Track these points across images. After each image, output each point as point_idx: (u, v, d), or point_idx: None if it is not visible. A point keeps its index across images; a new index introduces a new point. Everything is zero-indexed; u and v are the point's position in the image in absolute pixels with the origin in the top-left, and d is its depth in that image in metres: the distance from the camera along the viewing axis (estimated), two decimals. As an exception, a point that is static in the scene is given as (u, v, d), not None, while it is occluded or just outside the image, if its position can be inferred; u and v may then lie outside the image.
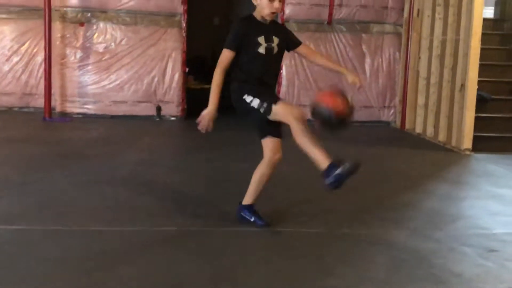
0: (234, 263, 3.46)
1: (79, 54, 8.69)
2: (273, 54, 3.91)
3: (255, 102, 3.81)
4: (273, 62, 3.96)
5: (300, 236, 3.97)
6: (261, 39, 3.84)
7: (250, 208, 4.10)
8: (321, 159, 3.71)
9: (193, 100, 9.22)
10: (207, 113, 3.79)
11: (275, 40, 3.90)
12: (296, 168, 5.41)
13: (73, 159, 5.99)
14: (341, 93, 3.72)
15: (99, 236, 3.80)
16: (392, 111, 9.38)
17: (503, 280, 3.37)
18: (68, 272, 3.22)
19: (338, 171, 3.62)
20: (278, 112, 3.76)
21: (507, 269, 3.54)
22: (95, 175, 5.40)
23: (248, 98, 3.84)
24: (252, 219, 4.06)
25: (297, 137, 3.71)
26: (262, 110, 3.77)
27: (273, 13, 3.82)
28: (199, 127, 3.84)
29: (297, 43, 4.07)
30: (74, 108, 8.74)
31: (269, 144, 3.95)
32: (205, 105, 9.38)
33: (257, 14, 3.89)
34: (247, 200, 4.10)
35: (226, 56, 3.81)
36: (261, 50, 3.85)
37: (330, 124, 3.69)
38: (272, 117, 3.79)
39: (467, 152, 7.19)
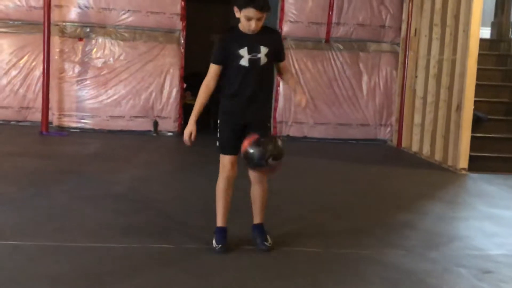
0: (229, 283, 3.45)
1: (77, 68, 8.72)
2: (261, 65, 3.81)
3: (218, 133, 3.99)
4: (260, 74, 3.85)
5: (295, 256, 3.96)
6: (243, 51, 3.75)
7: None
8: (219, 218, 4.03)
9: (190, 116, 9.23)
10: (188, 128, 3.90)
11: (263, 50, 3.79)
12: (290, 185, 5.42)
13: (69, 174, 5.99)
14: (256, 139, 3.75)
15: (94, 253, 3.79)
16: (388, 129, 9.41)
17: (498, 302, 3.38)
18: (62, 289, 3.21)
19: (214, 243, 3.94)
20: (220, 160, 3.98)
21: (502, 291, 3.54)
22: (91, 190, 5.39)
23: (219, 124, 4.00)
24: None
25: (217, 188, 4.06)
26: (217, 143, 3.98)
27: (251, 31, 3.73)
28: (186, 142, 3.95)
29: (282, 58, 4.00)
30: (71, 122, 8.74)
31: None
32: (202, 121, 9.43)
33: (241, 25, 3.79)
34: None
35: (211, 71, 3.84)
36: (243, 62, 3.77)
37: (251, 161, 3.79)
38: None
39: (463, 172, 7.21)
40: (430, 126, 8.14)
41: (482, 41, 8.39)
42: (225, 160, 3.97)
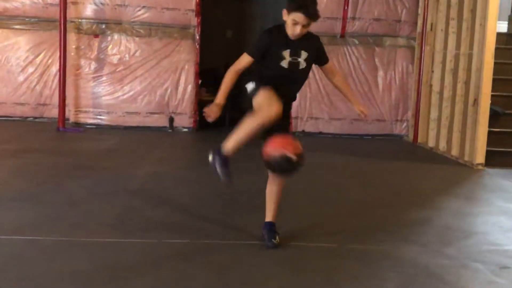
0: (244, 278, 3.46)
1: (93, 65, 8.77)
2: (299, 69, 3.81)
3: (250, 86, 3.78)
4: (297, 77, 3.87)
5: (310, 251, 3.96)
6: (286, 53, 3.74)
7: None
8: (232, 146, 3.90)
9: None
10: (212, 106, 3.78)
11: (303, 54, 3.79)
12: (305, 181, 5.41)
13: (86, 170, 6.03)
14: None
15: (111, 248, 3.81)
16: (404, 124, 9.36)
17: (515, 298, 3.35)
18: (79, 285, 3.24)
19: (216, 160, 3.96)
20: (256, 100, 3.73)
21: (519, 287, 3.52)
22: (108, 186, 5.43)
23: (249, 86, 3.80)
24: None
25: (246, 121, 3.80)
26: (249, 91, 3.76)
27: (295, 35, 3.71)
28: (205, 114, 3.83)
29: (325, 61, 3.98)
30: (87, 118, 8.80)
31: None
32: (217, 117, 9.29)
33: (287, 27, 3.76)
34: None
35: (244, 60, 3.75)
36: (284, 64, 3.75)
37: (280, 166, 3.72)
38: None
39: (480, 167, 7.15)
40: (446, 121, 8.08)
41: (499, 35, 8.28)
42: (270, 96, 3.69)
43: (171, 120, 8.89)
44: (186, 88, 8.92)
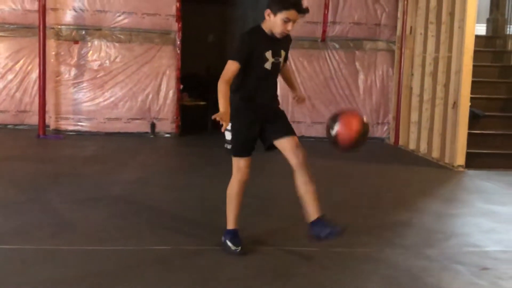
0: (226, 283, 3.45)
1: (73, 71, 8.72)
2: (278, 69, 3.83)
3: (228, 135, 3.81)
4: (276, 77, 3.89)
5: (292, 255, 3.96)
6: (268, 54, 3.73)
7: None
8: (232, 220, 3.91)
9: (188, 117, 9.26)
10: (222, 113, 3.57)
11: (282, 53, 3.82)
12: (287, 185, 5.40)
13: (66, 178, 5.99)
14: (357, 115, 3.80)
15: (92, 256, 3.79)
16: (385, 127, 9.42)
17: (495, 298, 3.38)
18: (60, 292, 3.21)
19: (227, 241, 3.89)
20: (233, 163, 3.86)
21: (499, 287, 3.54)
22: (89, 193, 5.39)
23: (231, 126, 3.79)
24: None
25: (228, 189, 3.92)
26: (225, 146, 3.80)
27: (284, 34, 3.73)
28: (218, 120, 3.58)
29: (286, 60, 4.01)
30: (68, 125, 8.75)
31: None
32: (199, 122, 9.38)
33: (266, 27, 3.75)
34: None
35: (231, 68, 3.66)
36: (268, 66, 3.75)
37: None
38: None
39: (460, 169, 7.22)
40: (427, 123, 8.14)
41: (478, 38, 8.39)
42: (242, 163, 3.85)
43: (153, 125, 8.86)
44: (167, 93, 8.90)
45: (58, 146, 7.88)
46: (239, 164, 3.86)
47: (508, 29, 9.54)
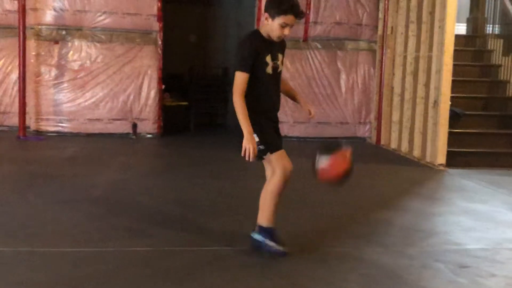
0: (206, 283, 3.44)
1: (54, 72, 8.65)
2: (278, 73, 3.81)
3: (259, 138, 3.70)
4: (278, 81, 3.87)
5: (273, 255, 3.95)
6: (268, 58, 3.72)
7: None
8: (268, 219, 3.82)
9: (170, 118, 9.22)
10: (249, 141, 3.56)
11: (280, 57, 3.81)
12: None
13: (46, 179, 5.93)
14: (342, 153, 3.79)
15: (71, 258, 3.75)
16: (367, 127, 9.45)
17: (474, 296, 3.40)
18: (38, 295, 3.18)
19: (267, 241, 3.81)
20: (272, 160, 3.75)
21: (479, 285, 3.57)
22: (69, 195, 5.35)
23: (257, 129, 3.69)
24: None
25: (270, 188, 3.79)
26: (259, 148, 3.66)
27: (281, 38, 3.73)
28: (248, 159, 3.59)
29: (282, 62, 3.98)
30: (49, 126, 8.67)
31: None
32: (182, 122, 9.33)
33: (263, 31, 3.73)
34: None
35: (241, 80, 3.61)
36: (269, 70, 3.73)
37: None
38: (264, 159, 3.77)
39: (441, 168, 7.26)
40: (408, 123, 8.18)
41: (458, 37, 8.45)
42: (283, 155, 3.79)
43: (134, 126, 8.81)
44: (149, 94, 8.86)
45: (39, 147, 7.81)
46: (281, 157, 3.77)
47: (488, 28, 9.62)
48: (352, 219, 4.96)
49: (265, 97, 3.78)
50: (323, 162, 3.73)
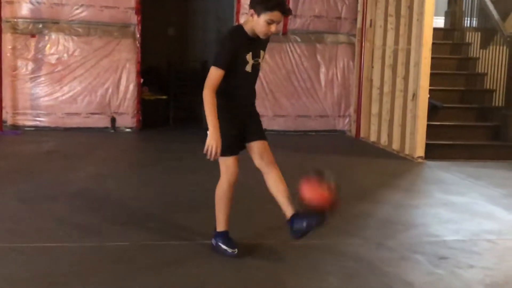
0: (185, 277, 3.43)
1: (30, 65, 8.53)
2: (257, 70, 3.72)
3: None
4: (256, 77, 3.78)
5: (253, 248, 3.94)
6: (249, 57, 3.61)
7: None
8: (223, 222, 3.81)
9: (149, 111, 9.16)
10: (213, 140, 3.46)
11: (261, 54, 3.70)
12: (249, 178, 5.39)
13: (23, 174, 5.86)
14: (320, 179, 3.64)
15: (49, 254, 3.72)
16: (347, 120, 9.47)
17: (453, 287, 3.42)
18: (15, 291, 3.14)
19: (220, 245, 3.80)
20: (221, 164, 3.72)
21: (457, 276, 3.60)
22: (46, 190, 5.29)
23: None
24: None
25: (217, 190, 3.79)
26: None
27: (267, 35, 3.60)
28: (209, 157, 3.50)
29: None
30: (26, 120, 8.57)
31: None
32: (161, 116, 9.28)
33: (248, 28, 3.59)
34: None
35: (216, 76, 3.50)
36: (248, 68, 3.62)
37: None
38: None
39: (420, 160, 7.31)
40: (387, 115, 8.22)
41: (436, 30, 8.51)
42: (230, 162, 3.69)
43: (113, 120, 8.74)
44: (127, 88, 8.78)
45: (16, 142, 7.71)
46: (228, 164, 3.70)
47: (465, 21, 9.68)
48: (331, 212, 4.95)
49: (240, 93, 3.70)
50: (307, 192, 3.61)
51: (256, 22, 3.54)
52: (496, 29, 8.44)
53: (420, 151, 7.35)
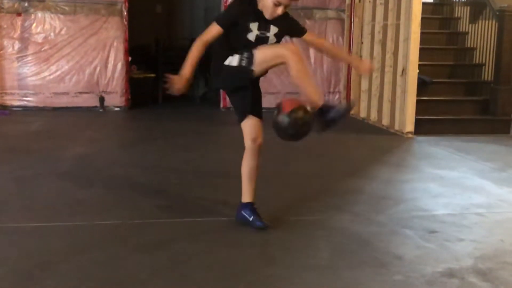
0: (176, 255, 3.43)
1: (17, 45, 8.45)
2: (264, 43, 3.65)
3: (234, 59, 3.59)
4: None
5: (244, 225, 3.95)
6: (253, 26, 3.58)
7: (249, 206, 3.88)
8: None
9: (137, 90, 9.11)
10: (179, 76, 3.51)
11: (273, 29, 3.64)
12: (237, 155, 5.39)
13: (12, 154, 5.83)
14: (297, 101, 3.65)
15: (39, 233, 3.70)
16: (337, 96, 9.46)
17: (442, 260, 3.44)
18: (5, 271, 3.13)
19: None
20: (263, 55, 3.55)
21: (447, 249, 3.62)
22: (35, 170, 5.26)
23: (226, 61, 3.61)
24: (251, 219, 3.85)
25: (294, 71, 3.55)
26: (244, 63, 3.54)
27: (274, 17, 3.58)
28: (169, 88, 3.53)
29: (302, 31, 3.85)
30: (13, 101, 8.50)
31: (248, 127, 3.75)
32: (149, 95, 9.20)
33: (260, 3, 3.59)
34: (245, 198, 3.90)
35: (212, 30, 3.54)
36: (250, 37, 3.60)
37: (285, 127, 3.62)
38: (257, 67, 3.56)
39: (410, 135, 7.32)
40: (376, 91, 8.21)
41: (425, 5, 8.45)
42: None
43: (102, 99, 8.69)
44: (115, 66, 8.72)
45: (4, 122, 7.66)
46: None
47: (455, -4, 9.64)
48: (321, 188, 4.97)
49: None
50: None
51: (264, 2, 3.55)
52: (485, 3, 8.41)
53: (410, 127, 7.35)
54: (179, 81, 3.52)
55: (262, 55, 3.56)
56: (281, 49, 3.58)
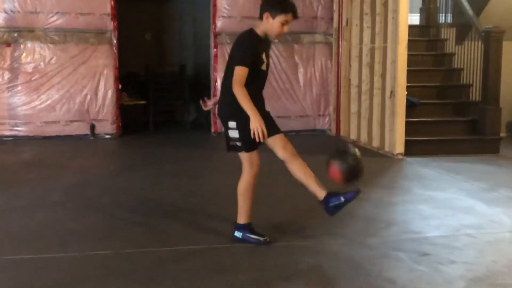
0: (169, 283, 3.42)
1: (7, 75, 8.46)
2: (268, 70, 4.04)
3: (234, 134, 3.92)
4: (266, 78, 4.09)
5: (235, 250, 3.95)
6: (264, 56, 3.93)
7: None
8: (244, 215, 4.05)
9: (128, 117, 9.12)
10: (257, 123, 3.72)
11: (269, 55, 4.06)
12: (230, 180, 5.40)
13: (3, 185, 5.81)
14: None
15: (31, 265, 3.69)
16: (327, 119, 9.51)
17: (435, 284, 3.46)
18: (-3, 305, 3.12)
19: (248, 236, 4.06)
20: (244, 158, 3.98)
21: (439, 272, 3.63)
22: (26, 200, 5.25)
23: (231, 124, 3.93)
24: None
25: (242, 185, 4.00)
26: (236, 144, 3.94)
27: (279, 35, 3.96)
28: (258, 139, 3.77)
29: None
30: (4, 130, 8.48)
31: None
32: (140, 121, 9.19)
33: (259, 30, 3.93)
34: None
35: (242, 73, 3.79)
36: (264, 67, 3.95)
37: None
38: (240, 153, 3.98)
39: (400, 157, 7.36)
40: (366, 113, 8.27)
41: (412, 27, 8.56)
42: (254, 156, 4.01)
43: (92, 127, 8.69)
44: (106, 94, 8.74)
45: (-6, 153, 7.64)
46: (252, 159, 3.99)
47: (440, 18, 9.76)
48: (313, 212, 4.96)
49: (258, 92, 3.99)
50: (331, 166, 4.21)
51: (271, 24, 3.89)
52: (471, 25, 8.52)
53: (399, 148, 7.40)
54: (261, 123, 3.73)
55: (243, 156, 4.00)
56: (249, 168, 4.00)
